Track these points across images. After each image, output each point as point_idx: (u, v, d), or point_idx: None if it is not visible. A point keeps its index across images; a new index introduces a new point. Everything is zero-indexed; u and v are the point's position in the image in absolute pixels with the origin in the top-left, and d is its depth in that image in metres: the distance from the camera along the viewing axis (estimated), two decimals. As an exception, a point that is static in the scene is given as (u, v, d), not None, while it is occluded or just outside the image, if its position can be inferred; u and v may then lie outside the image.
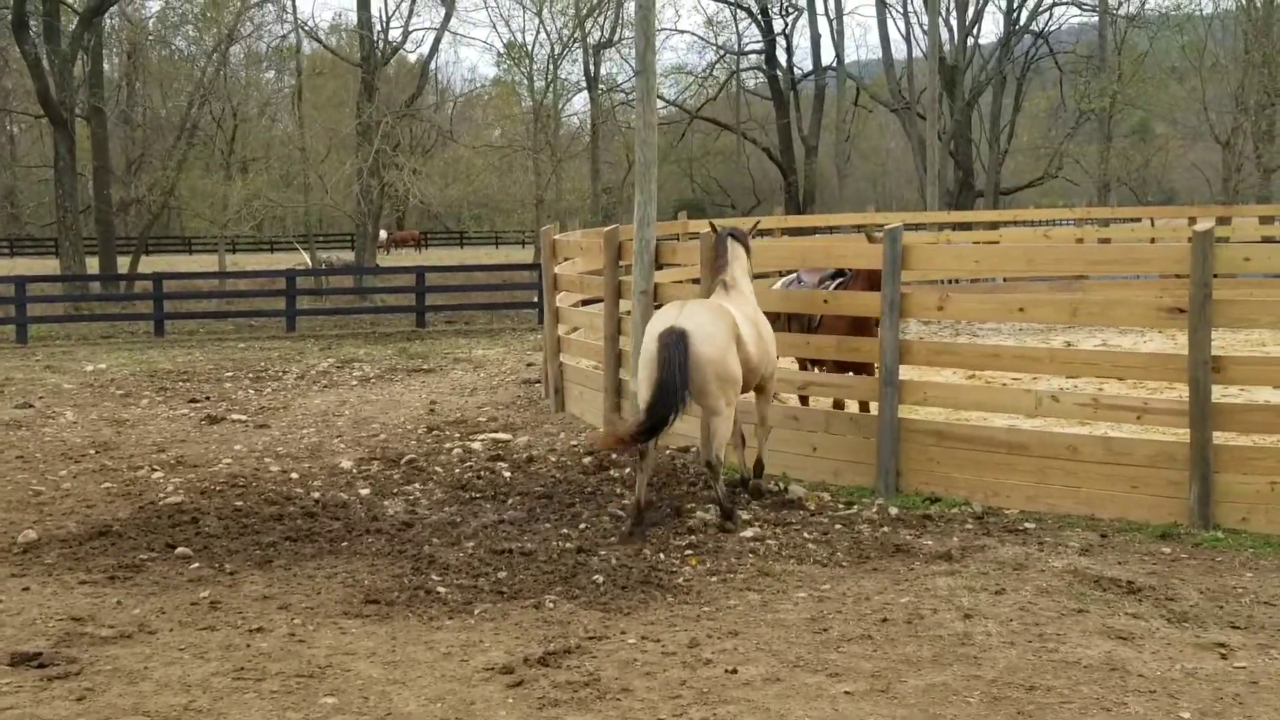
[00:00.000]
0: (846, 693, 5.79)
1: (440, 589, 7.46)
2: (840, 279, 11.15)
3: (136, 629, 6.85)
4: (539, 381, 15.99)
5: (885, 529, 8.73)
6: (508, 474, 10.72)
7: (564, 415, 13.76)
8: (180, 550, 8.38)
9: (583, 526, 8.88)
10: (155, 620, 7.00)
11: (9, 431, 13.41)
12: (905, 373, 9.81)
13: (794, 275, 12.01)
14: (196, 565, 8.07)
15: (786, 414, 10.65)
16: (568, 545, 8.39)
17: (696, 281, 11.68)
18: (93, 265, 33.89)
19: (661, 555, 8.16)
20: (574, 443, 11.98)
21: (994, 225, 28.08)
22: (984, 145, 49.07)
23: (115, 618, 7.05)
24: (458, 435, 12.66)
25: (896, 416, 9.73)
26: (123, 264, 35.31)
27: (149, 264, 38.83)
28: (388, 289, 32.12)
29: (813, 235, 25.74)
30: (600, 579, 7.62)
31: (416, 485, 10.36)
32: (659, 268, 12.09)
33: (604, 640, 6.58)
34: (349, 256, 44.72)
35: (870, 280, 10.95)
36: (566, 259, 15.11)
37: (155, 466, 11.34)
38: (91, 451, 12.19)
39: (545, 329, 15.07)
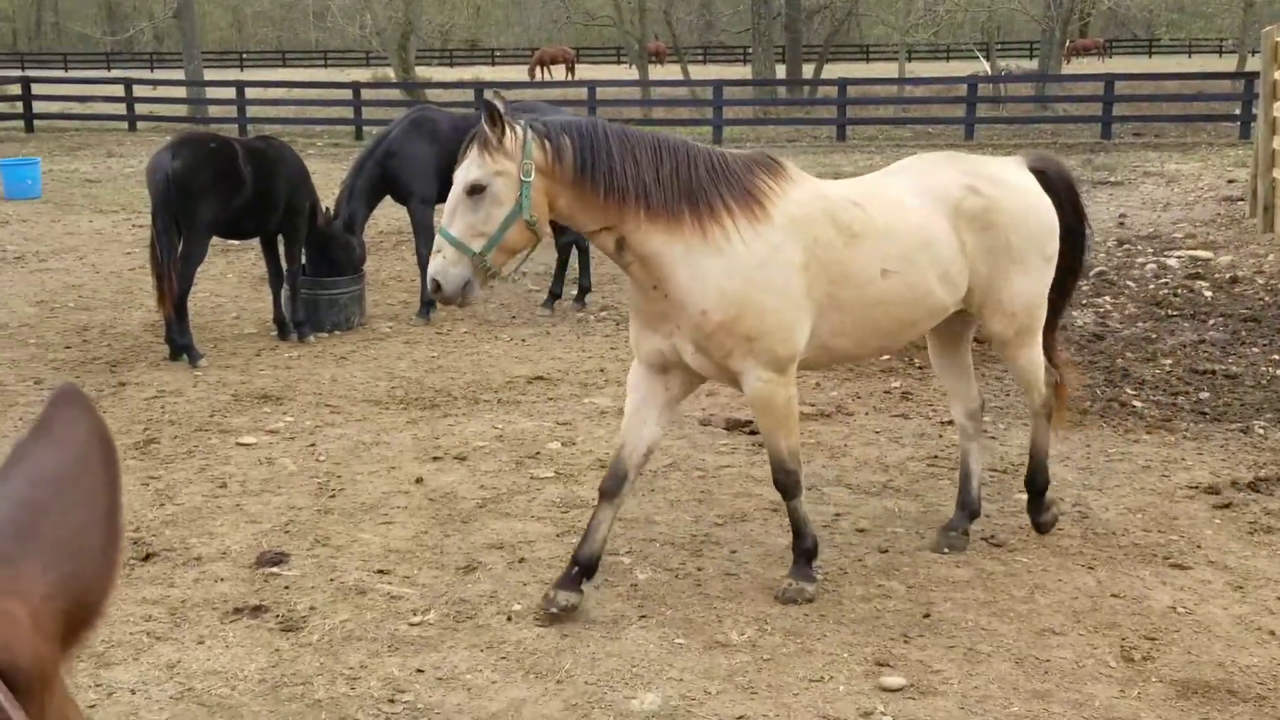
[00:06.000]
0: None
1: (1136, 403, 7.17)
2: None
3: (835, 410, 7.23)
4: (1243, 199, 14.65)
5: None
6: (1208, 293, 10.01)
7: (1273, 235, 12.52)
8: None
9: (1297, 354, 8.13)
10: (852, 404, 7.35)
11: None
12: None
13: None
14: (885, 357, 8.32)
15: None
16: (1278, 371, 7.72)
17: None
18: (779, 72, 35.37)
19: (1394, 393, 7.28)
20: (1285, 265, 10.92)
21: None
22: None
23: (815, 398, 7.47)
24: (1151, 250, 11.96)
25: None
26: (806, 71, 36.53)
27: (828, 72, 39.79)
28: (1070, 98, 30.66)
29: None
30: (1318, 411, 6.96)
31: (1107, 298, 9.96)
32: None
33: (1324, 475, 6.03)
34: (1029, 65, 43.17)
35: None
36: (1290, 63, 13.52)
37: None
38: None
39: (1258, 141, 13.65)
